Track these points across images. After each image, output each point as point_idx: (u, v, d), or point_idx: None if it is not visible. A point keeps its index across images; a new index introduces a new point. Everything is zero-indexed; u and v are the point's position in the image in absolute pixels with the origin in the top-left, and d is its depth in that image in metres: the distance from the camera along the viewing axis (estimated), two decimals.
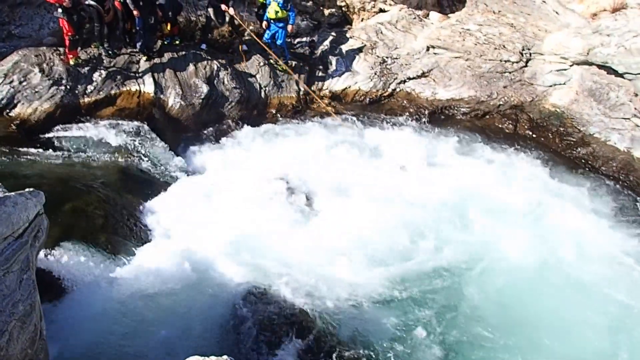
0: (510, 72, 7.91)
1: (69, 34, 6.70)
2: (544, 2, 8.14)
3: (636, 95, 6.90)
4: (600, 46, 6.94)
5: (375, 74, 8.40)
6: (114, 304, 4.21)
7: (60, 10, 6.51)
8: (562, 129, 7.41)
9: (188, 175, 6.45)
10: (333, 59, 8.64)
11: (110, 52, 7.31)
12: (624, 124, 6.96)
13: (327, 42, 8.96)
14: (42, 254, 4.02)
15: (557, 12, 7.96)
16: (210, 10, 7.89)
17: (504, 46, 8.00)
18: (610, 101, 7.10)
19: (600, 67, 7.16)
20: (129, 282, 4.39)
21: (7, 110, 6.37)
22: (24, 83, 6.63)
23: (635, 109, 6.90)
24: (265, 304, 4.49)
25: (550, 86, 7.71)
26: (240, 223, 5.43)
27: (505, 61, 7.94)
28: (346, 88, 8.35)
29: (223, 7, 7.67)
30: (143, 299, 4.31)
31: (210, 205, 5.78)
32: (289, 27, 7.90)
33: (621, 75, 6.92)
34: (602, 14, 7.48)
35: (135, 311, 4.20)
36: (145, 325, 4.13)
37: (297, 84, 8.29)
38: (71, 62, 6.96)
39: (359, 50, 8.72)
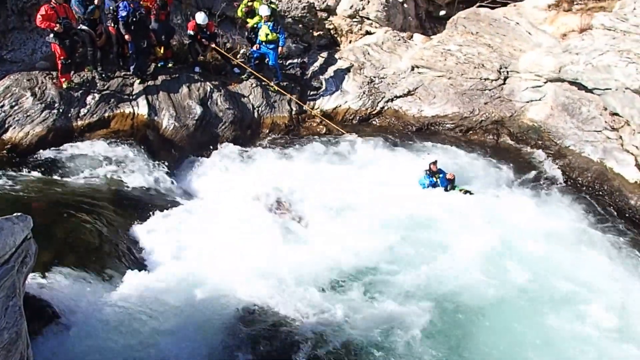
0: (489, 90, 8.37)
1: (62, 57, 6.73)
2: (518, 24, 8.71)
3: (605, 109, 7.41)
4: (570, 64, 7.44)
5: (364, 93, 8.73)
6: (106, 329, 4.11)
7: (52, 35, 6.59)
8: (540, 142, 7.83)
9: (182, 196, 6.45)
10: (323, 79, 8.94)
11: (103, 75, 7.35)
12: (596, 136, 7.42)
13: (317, 63, 9.28)
14: (31, 279, 3.88)
15: (529, 33, 8.52)
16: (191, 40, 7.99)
17: (483, 65, 8.49)
18: (582, 115, 7.58)
19: (571, 83, 7.63)
20: (122, 307, 4.31)
21: None
22: (16, 107, 6.60)
23: (606, 122, 7.39)
24: (262, 324, 4.49)
25: (527, 102, 8.18)
26: (235, 243, 5.42)
27: (485, 79, 8.41)
28: (337, 107, 8.64)
29: (205, 42, 7.91)
30: (137, 324, 4.22)
31: (205, 226, 5.75)
32: (280, 49, 8.21)
33: (591, 91, 7.39)
34: (571, 34, 8.04)
35: (128, 336, 4.12)
36: (139, 351, 4.05)
37: (290, 103, 8.52)
38: (64, 86, 6.96)
39: (348, 70, 9.06)
